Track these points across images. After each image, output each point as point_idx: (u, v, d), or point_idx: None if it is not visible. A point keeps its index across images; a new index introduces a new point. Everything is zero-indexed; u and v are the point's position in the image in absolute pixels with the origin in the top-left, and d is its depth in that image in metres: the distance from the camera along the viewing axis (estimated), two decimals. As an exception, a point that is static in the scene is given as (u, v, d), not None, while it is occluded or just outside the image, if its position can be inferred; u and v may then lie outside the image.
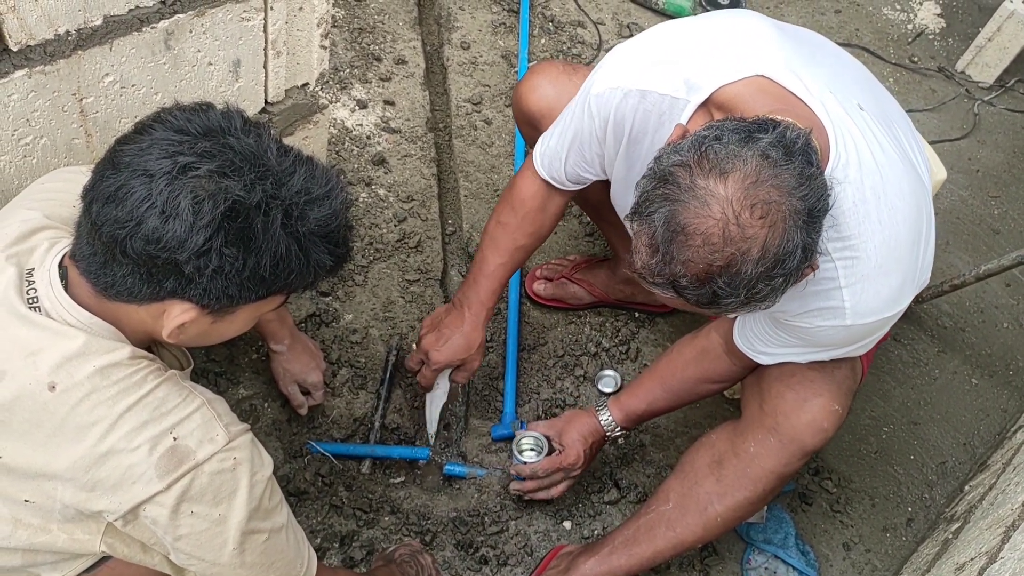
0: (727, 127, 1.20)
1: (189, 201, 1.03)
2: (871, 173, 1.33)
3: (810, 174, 1.17)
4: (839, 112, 1.34)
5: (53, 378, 1.09)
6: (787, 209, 1.15)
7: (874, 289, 1.36)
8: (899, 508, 2.06)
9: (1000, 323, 2.42)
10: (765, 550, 1.91)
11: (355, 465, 1.92)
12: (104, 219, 1.05)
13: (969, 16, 3.22)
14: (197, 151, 1.06)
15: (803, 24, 3.03)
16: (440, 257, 2.25)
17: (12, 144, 1.44)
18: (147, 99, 1.55)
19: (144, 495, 1.10)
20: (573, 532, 1.91)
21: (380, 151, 2.38)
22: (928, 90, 2.97)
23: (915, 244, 1.39)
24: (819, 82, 1.36)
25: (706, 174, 1.16)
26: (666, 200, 1.17)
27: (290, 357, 1.86)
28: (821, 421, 1.53)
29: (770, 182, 1.15)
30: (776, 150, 1.16)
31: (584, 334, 2.18)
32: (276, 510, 1.22)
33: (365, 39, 2.61)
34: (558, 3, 2.90)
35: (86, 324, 1.13)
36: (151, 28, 1.46)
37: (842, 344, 1.48)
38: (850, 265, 1.34)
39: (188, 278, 1.07)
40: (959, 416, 2.23)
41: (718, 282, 1.17)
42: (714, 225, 1.14)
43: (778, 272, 1.17)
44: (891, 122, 1.46)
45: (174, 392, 1.15)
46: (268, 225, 1.07)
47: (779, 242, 1.15)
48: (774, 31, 1.46)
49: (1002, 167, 2.79)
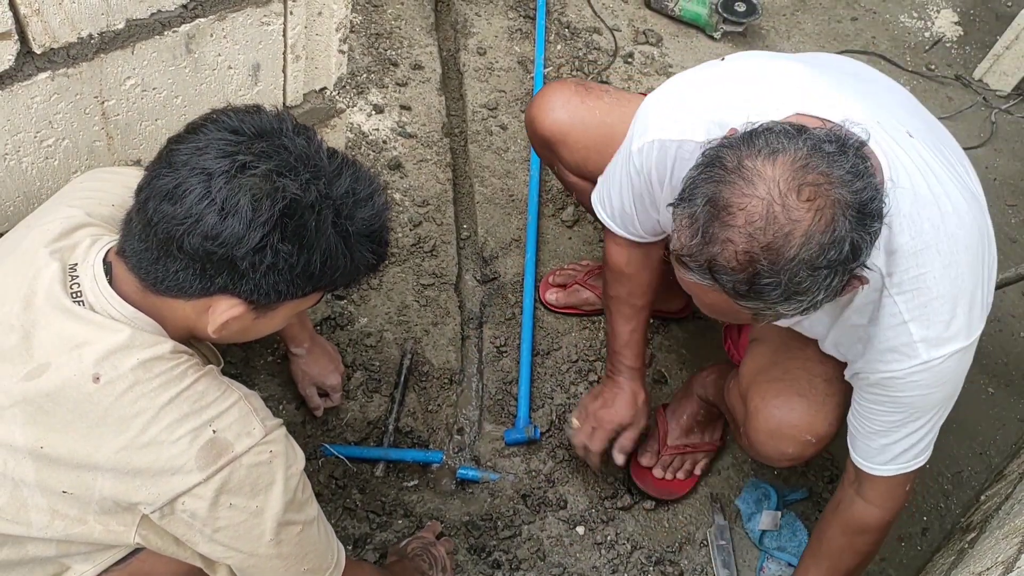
0: (777, 123, 1.17)
1: (248, 199, 1.06)
2: (928, 204, 1.29)
3: (864, 169, 1.14)
4: (888, 142, 1.29)
5: (98, 370, 1.12)
6: (836, 197, 1.11)
7: (941, 319, 1.31)
8: (914, 517, 2.04)
9: (1017, 332, 2.40)
10: (779, 558, 1.90)
11: (369, 468, 1.92)
12: (161, 216, 1.08)
13: (987, 24, 3.21)
14: (254, 151, 1.09)
15: (819, 32, 3.05)
16: (455, 262, 2.25)
17: (35, 146, 1.45)
18: (168, 102, 1.56)
19: (183, 487, 1.12)
20: (586, 537, 1.90)
21: (396, 155, 2.39)
22: (945, 98, 2.96)
23: (978, 268, 1.35)
24: (863, 112, 1.30)
25: (754, 155, 1.13)
26: (710, 181, 1.14)
27: (309, 360, 1.87)
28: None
29: (820, 168, 1.11)
30: (829, 144, 1.13)
31: (598, 339, 2.18)
32: (308, 502, 1.25)
33: (382, 44, 2.63)
34: (574, 9, 2.91)
35: (130, 318, 1.15)
36: (172, 32, 1.47)
37: (935, 393, 1.40)
38: (911, 298, 1.30)
39: (241, 274, 1.10)
40: (975, 426, 2.21)
41: (760, 263, 1.11)
42: (758, 204, 1.10)
43: (823, 262, 1.11)
44: (941, 145, 1.42)
45: (213, 386, 1.17)
46: (320, 223, 1.11)
47: (825, 229, 1.10)
48: (801, 67, 1.43)
49: (1019, 176, 2.78)
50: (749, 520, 1.95)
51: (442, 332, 2.13)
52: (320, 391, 1.90)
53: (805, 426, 1.57)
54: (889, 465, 1.49)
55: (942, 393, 1.42)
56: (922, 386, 1.38)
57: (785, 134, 1.14)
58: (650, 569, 1.88)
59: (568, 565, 1.86)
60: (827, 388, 1.59)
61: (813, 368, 1.58)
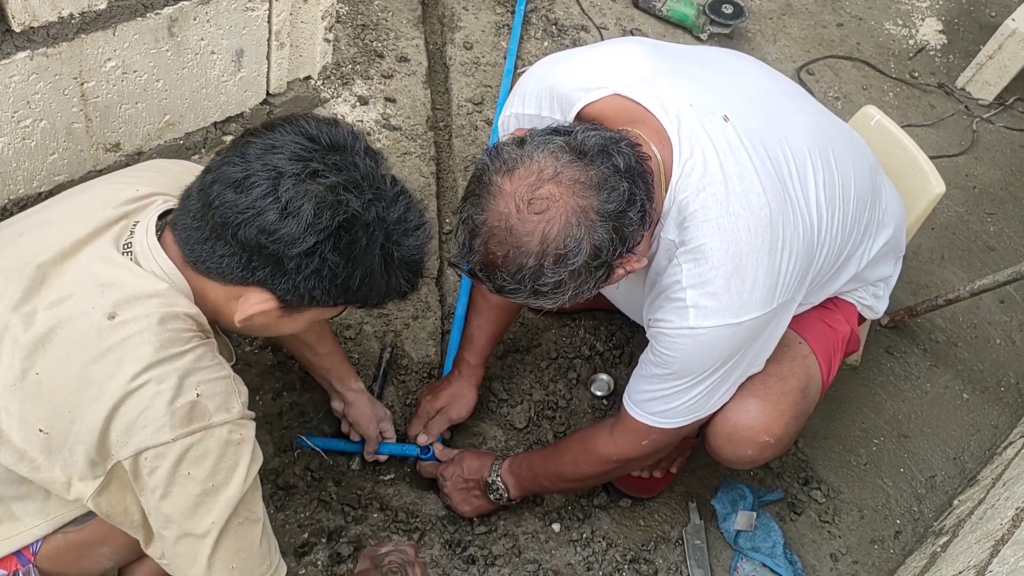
0: (536, 131, 1.30)
1: (312, 205, 1.11)
2: (714, 181, 1.37)
3: (605, 176, 1.24)
4: (692, 125, 1.39)
5: (116, 309, 1.15)
6: (570, 206, 1.22)
7: (712, 290, 1.38)
8: (887, 520, 2.06)
9: (993, 339, 2.42)
10: (753, 558, 1.91)
11: (345, 461, 1.91)
12: (223, 201, 1.12)
13: (970, 33, 3.24)
14: (328, 162, 1.14)
15: (804, 36, 3.06)
16: (436, 256, 2.24)
17: (12, 126, 1.43)
18: (148, 86, 1.55)
19: (151, 442, 1.13)
20: (562, 534, 1.90)
21: (380, 148, 2.37)
22: (927, 106, 2.98)
23: (763, 255, 1.39)
24: (680, 97, 1.42)
25: (498, 171, 1.26)
26: (469, 196, 1.29)
27: (356, 410, 1.88)
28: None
29: (553, 180, 1.22)
30: (566, 152, 1.24)
31: (578, 337, 2.18)
32: (259, 503, 1.25)
33: (368, 35, 2.61)
34: (562, 7, 2.90)
35: (170, 276, 1.19)
36: (155, 14, 1.46)
37: (695, 360, 1.47)
38: (694, 267, 1.38)
39: (285, 272, 1.15)
40: (949, 431, 2.23)
41: (502, 272, 1.26)
42: (498, 219, 1.24)
43: (562, 267, 1.24)
44: (778, 141, 1.46)
45: (209, 355, 1.20)
46: (371, 243, 1.17)
47: (557, 236, 1.22)
48: (648, 52, 1.52)
49: (999, 184, 2.80)
50: (724, 520, 1.95)
51: (422, 326, 2.12)
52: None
53: (760, 427, 1.59)
54: (637, 409, 1.58)
55: (702, 362, 1.47)
56: (683, 350, 1.45)
57: (533, 144, 1.26)
58: (625, 567, 1.88)
59: (543, 561, 1.86)
60: (781, 387, 1.61)
61: (767, 368, 1.60)
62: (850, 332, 1.77)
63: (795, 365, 1.65)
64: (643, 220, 1.29)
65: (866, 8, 3.24)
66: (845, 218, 1.54)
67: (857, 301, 1.78)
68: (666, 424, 1.56)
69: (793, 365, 1.65)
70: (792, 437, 1.66)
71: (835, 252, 1.55)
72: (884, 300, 1.83)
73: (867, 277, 1.74)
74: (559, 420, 2.05)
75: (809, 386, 1.66)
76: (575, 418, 2.07)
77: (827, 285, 1.65)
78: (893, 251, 1.77)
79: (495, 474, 1.81)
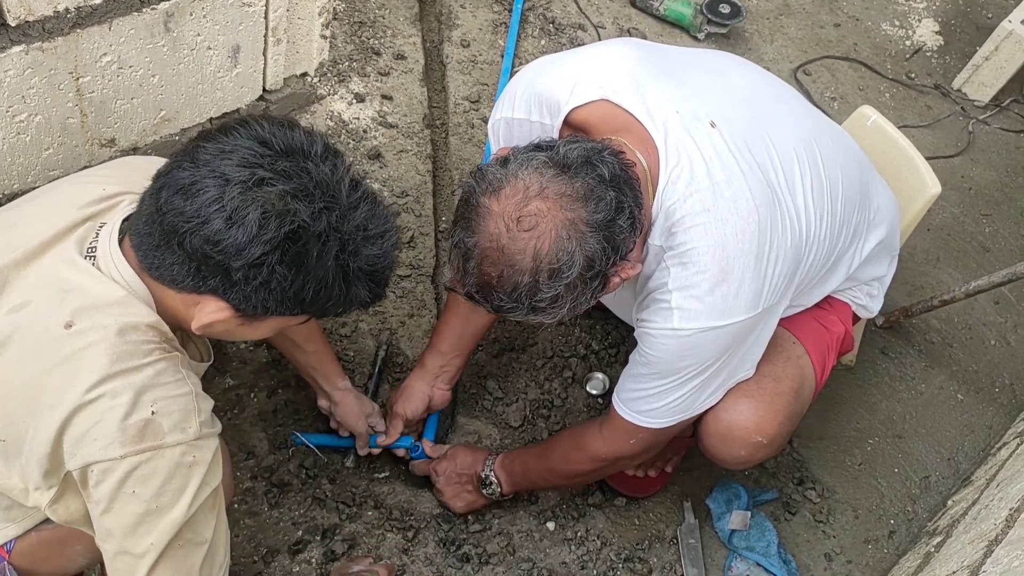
0: (519, 149, 1.30)
1: (257, 214, 1.07)
2: (701, 187, 1.38)
3: (590, 187, 1.24)
4: (679, 132, 1.40)
5: (74, 318, 1.12)
6: (559, 220, 1.22)
7: (697, 294, 1.39)
8: (881, 520, 2.06)
9: (988, 340, 2.43)
10: (748, 558, 1.91)
11: (339, 458, 1.90)
12: (170, 207, 1.09)
13: (967, 35, 3.24)
14: (276, 169, 1.10)
15: (802, 37, 3.06)
16: (432, 253, 2.24)
17: (6, 120, 1.43)
18: (144, 81, 1.54)
19: (99, 456, 1.11)
20: (556, 533, 1.90)
21: (376, 145, 2.37)
22: (924, 107, 2.99)
23: (750, 259, 1.39)
24: (666, 103, 1.42)
25: (485, 192, 1.26)
26: (459, 219, 1.29)
27: (343, 409, 1.85)
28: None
29: (539, 196, 1.22)
30: (549, 167, 1.24)
31: (574, 336, 2.17)
32: (207, 524, 1.20)
33: (365, 33, 2.60)
34: (559, 5, 2.90)
35: (129, 283, 1.16)
36: (151, 9, 1.45)
37: (679, 362, 1.47)
38: (681, 270, 1.39)
39: (233, 283, 1.11)
40: (944, 431, 2.24)
41: (499, 292, 1.26)
42: (489, 239, 1.24)
43: (557, 282, 1.25)
44: (764, 144, 1.46)
45: (170, 371, 1.17)
46: (323, 254, 1.12)
47: (549, 251, 1.23)
48: (638, 55, 1.51)
49: (994, 186, 2.81)
50: (719, 520, 1.95)
51: (418, 324, 2.11)
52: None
53: (753, 427, 1.59)
54: (625, 407, 1.58)
55: (686, 363, 1.47)
56: (668, 350, 1.45)
57: (516, 162, 1.26)
58: (619, 566, 1.88)
59: (537, 560, 1.86)
60: (775, 388, 1.61)
61: (761, 369, 1.60)
62: (844, 332, 1.77)
63: (789, 366, 1.65)
64: (633, 227, 1.30)
65: (863, 9, 3.24)
66: (833, 220, 1.54)
67: (852, 300, 1.79)
68: (653, 423, 1.57)
69: (787, 366, 1.65)
70: (785, 438, 1.66)
71: (824, 255, 1.55)
72: (879, 299, 1.83)
73: (860, 277, 1.74)
74: (554, 419, 2.05)
75: (803, 387, 1.67)
76: (570, 417, 2.07)
77: (818, 286, 1.65)
78: (887, 251, 1.77)
79: (488, 469, 1.81)
